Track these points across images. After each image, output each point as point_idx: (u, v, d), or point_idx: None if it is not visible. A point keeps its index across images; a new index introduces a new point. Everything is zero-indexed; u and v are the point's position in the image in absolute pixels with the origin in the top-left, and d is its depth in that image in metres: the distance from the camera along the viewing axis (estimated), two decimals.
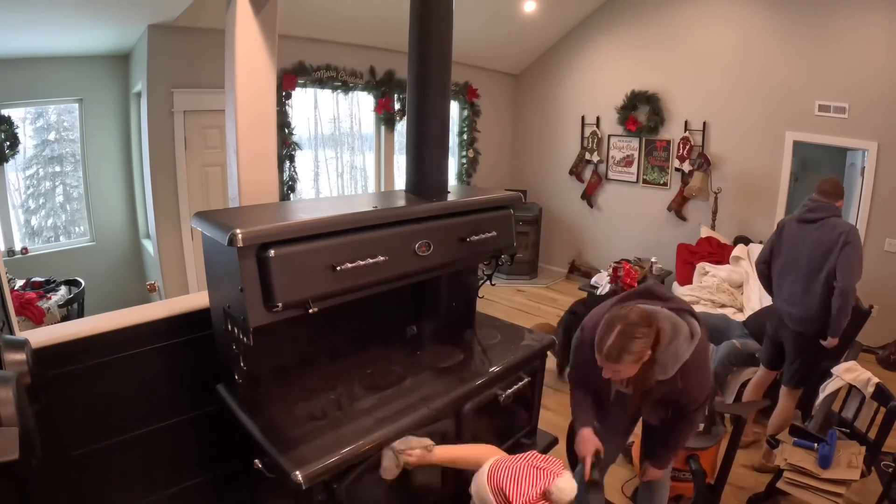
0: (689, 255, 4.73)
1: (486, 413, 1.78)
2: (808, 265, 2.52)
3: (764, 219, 4.68)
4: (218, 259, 1.43)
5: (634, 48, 5.25)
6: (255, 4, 1.83)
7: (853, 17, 3.98)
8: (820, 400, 2.41)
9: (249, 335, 1.34)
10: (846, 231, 2.44)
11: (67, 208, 4.27)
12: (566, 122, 5.88)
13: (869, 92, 3.98)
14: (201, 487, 1.86)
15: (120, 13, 3.20)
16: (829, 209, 2.53)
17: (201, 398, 1.74)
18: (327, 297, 1.40)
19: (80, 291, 3.53)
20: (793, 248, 2.61)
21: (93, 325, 1.60)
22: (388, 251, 1.50)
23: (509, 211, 1.95)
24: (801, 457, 2.21)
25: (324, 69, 4.32)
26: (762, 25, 4.44)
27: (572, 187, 5.95)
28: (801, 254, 2.57)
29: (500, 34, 5.22)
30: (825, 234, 2.48)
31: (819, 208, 2.54)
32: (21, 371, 1.03)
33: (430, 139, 1.80)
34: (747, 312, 3.80)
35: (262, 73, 1.92)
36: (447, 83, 1.80)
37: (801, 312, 2.54)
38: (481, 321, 2.20)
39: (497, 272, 2.13)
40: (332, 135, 4.84)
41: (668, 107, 5.09)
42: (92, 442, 1.60)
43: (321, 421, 1.45)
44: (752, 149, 4.66)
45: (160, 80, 3.52)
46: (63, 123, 4.10)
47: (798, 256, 2.58)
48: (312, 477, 1.24)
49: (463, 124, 5.85)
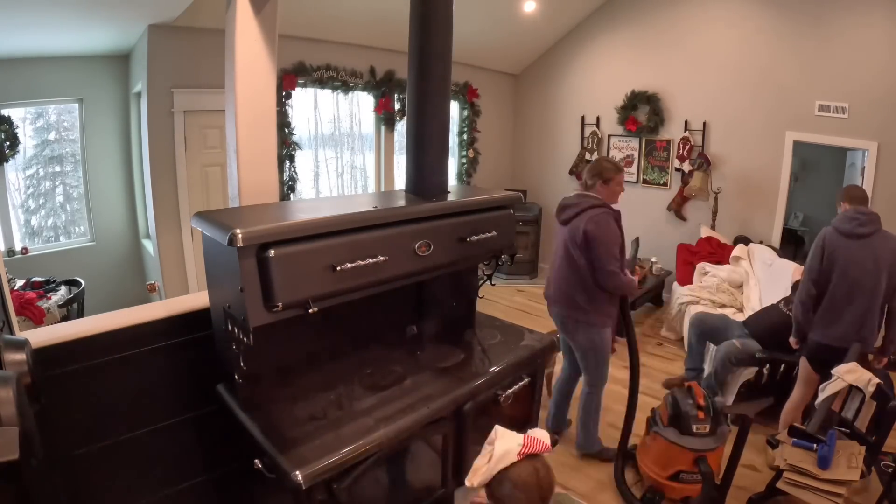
0: (689, 255, 4.73)
1: (486, 413, 1.78)
2: (871, 284, 2.39)
3: (764, 219, 4.68)
4: (218, 259, 1.43)
5: (634, 48, 5.25)
6: (255, 4, 1.83)
7: (853, 17, 3.98)
8: (820, 400, 2.40)
9: (249, 335, 1.34)
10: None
11: (67, 208, 4.27)
12: (566, 122, 5.88)
13: (869, 92, 3.98)
14: (201, 487, 1.86)
15: (120, 13, 3.20)
16: (876, 221, 2.42)
17: (201, 398, 1.74)
18: (327, 297, 1.40)
19: (80, 291, 3.54)
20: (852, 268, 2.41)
21: (93, 325, 1.60)
22: (388, 251, 1.50)
23: (509, 211, 1.95)
24: (801, 457, 2.21)
25: (324, 69, 4.32)
26: (762, 25, 4.44)
27: (572, 187, 5.94)
28: (863, 275, 2.40)
29: (500, 34, 5.22)
30: (884, 247, 2.39)
31: (870, 221, 2.42)
32: (21, 371, 1.03)
33: (430, 139, 1.80)
34: (747, 312, 3.80)
35: (262, 73, 1.92)
36: (447, 83, 1.80)
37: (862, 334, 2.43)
38: (481, 321, 2.20)
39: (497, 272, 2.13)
40: (332, 135, 4.83)
41: (668, 107, 5.09)
42: (92, 442, 1.60)
43: (321, 421, 1.45)
44: (752, 149, 4.65)
45: (160, 80, 3.52)
46: (63, 123, 4.10)
47: (860, 279, 2.40)
48: (312, 477, 1.24)
49: (463, 124, 5.85)
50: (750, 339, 3.17)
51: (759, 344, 3.11)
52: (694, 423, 2.34)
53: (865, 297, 2.41)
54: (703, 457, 2.26)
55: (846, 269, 2.44)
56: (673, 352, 4.17)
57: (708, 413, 2.36)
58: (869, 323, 2.43)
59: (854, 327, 2.44)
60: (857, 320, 2.43)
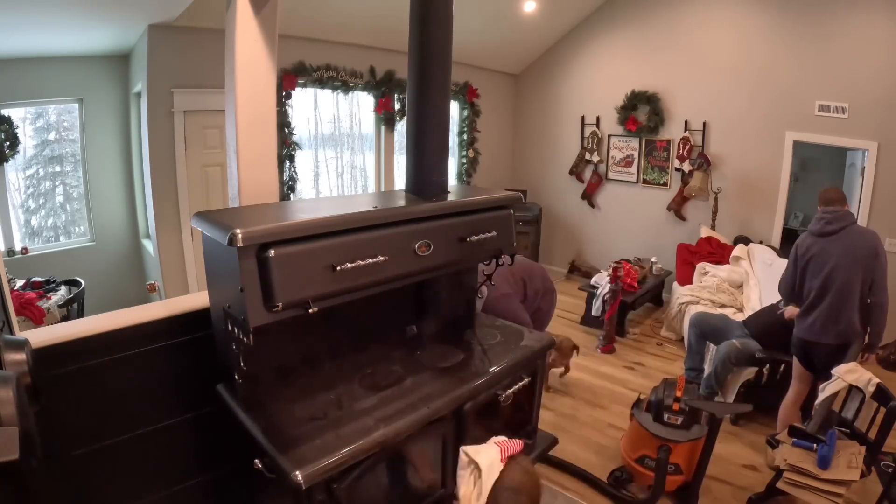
0: (689, 255, 4.74)
1: (486, 413, 1.78)
2: (843, 278, 2.46)
3: (764, 219, 4.68)
4: (218, 259, 1.43)
5: (634, 48, 5.25)
6: (255, 4, 1.83)
7: (853, 17, 3.98)
8: (820, 400, 2.40)
9: (249, 335, 1.34)
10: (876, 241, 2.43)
11: (67, 208, 4.27)
12: (566, 122, 5.88)
13: (869, 92, 3.98)
14: (201, 487, 1.86)
15: (120, 13, 3.20)
16: (846, 217, 2.49)
17: (201, 398, 1.74)
18: (327, 297, 1.40)
19: (80, 291, 3.54)
20: (823, 265, 2.51)
21: (93, 325, 1.60)
22: (388, 251, 1.50)
23: (509, 211, 1.95)
24: (801, 457, 2.21)
25: (324, 69, 4.32)
26: (762, 25, 4.44)
27: (572, 187, 5.95)
28: (833, 269, 2.48)
29: (500, 34, 5.22)
30: (854, 243, 2.45)
31: (837, 218, 2.49)
32: (21, 371, 1.03)
33: (430, 139, 1.80)
34: (747, 312, 3.80)
35: (262, 73, 1.92)
36: (447, 83, 1.80)
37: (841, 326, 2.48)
38: (481, 321, 2.20)
39: None
40: (332, 135, 4.83)
41: (668, 107, 5.09)
42: (92, 442, 1.60)
43: (321, 421, 1.45)
44: (752, 149, 4.66)
45: (160, 80, 3.52)
46: (63, 123, 4.10)
47: (831, 273, 2.49)
48: (312, 477, 1.24)
49: (463, 124, 5.85)
50: (750, 339, 3.18)
51: (758, 344, 3.11)
52: (667, 412, 2.40)
53: (838, 292, 2.48)
54: (667, 446, 2.31)
55: (819, 267, 2.53)
56: (673, 352, 4.17)
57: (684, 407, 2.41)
58: (844, 317, 2.48)
59: (829, 322, 2.51)
60: (831, 315, 2.50)
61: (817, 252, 2.54)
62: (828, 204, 2.56)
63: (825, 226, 2.53)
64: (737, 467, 2.73)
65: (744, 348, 3.10)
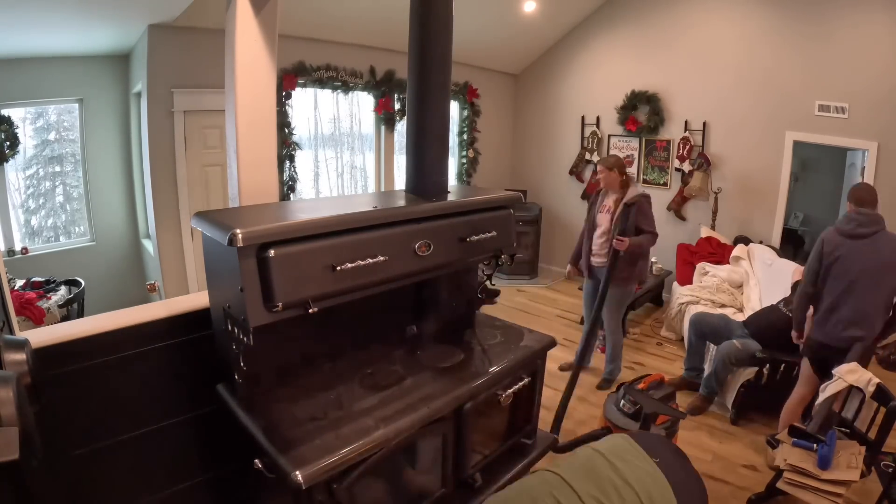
0: (689, 255, 4.74)
1: (486, 413, 1.78)
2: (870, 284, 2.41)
3: (764, 219, 4.68)
4: (218, 259, 1.43)
5: (634, 48, 5.25)
6: (255, 4, 1.83)
7: (853, 17, 3.98)
8: (820, 401, 2.40)
9: (249, 335, 1.33)
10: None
11: (67, 208, 4.27)
12: (566, 122, 5.88)
13: (869, 92, 3.98)
14: (201, 487, 1.86)
15: (120, 13, 3.20)
16: (878, 221, 2.43)
17: (201, 398, 1.73)
18: (327, 297, 1.40)
19: (80, 291, 3.54)
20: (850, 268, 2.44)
21: (93, 325, 1.60)
22: (388, 251, 1.50)
23: (509, 211, 1.95)
24: (801, 457, 2.21)
25: (324, 69, 4.32)
26: (762, 25, 4.45)
27: (572, 187, 5.95)
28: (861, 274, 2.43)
29: (500, 34, 5.22)
30: (884, 249, 2.40)
31: (870, 222, 2.43)
32: (21, 371, 1.03)
33: (430, 139, 1.80)
34: (747, 312, 3.81)
35: (262, 73, 1.92)
36: (447, 83, 1.80)
37: (862, 332, 2.44)
38: (481, 321, 2.20)
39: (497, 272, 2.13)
40: (332, 135, 4.84)
41: (668, 107, 5.09)
42: (92, 442, 1.60)
43: (321, 421, 1.45)
44: (752, 149, 4.66)
45: (160, 80, 3.52)
46: (63, 123, 4.10)
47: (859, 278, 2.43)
48: (312, 477, 1.23)
49: (463, 124, 5.85)
50: (750, 339, 3.18)
51: (759, 344, 3.12)
52: (624, 401, 2.50)
53: (864, 297, 2.42)
54: (608, 428, 2.41)
55: (845, 269, 2.45)
56: (673, 352, 4.17)
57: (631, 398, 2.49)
58: (867, 322, 2.43)
59: (852, 326, 2.45)
60: (854, 319, 2.44)
61: (845, 254, 2.46)
62: (860, 204, 2.48)
63: (857, 227, 2.44)
64: (737, 467, 2.73)
65: (744, 348, 3.10)
